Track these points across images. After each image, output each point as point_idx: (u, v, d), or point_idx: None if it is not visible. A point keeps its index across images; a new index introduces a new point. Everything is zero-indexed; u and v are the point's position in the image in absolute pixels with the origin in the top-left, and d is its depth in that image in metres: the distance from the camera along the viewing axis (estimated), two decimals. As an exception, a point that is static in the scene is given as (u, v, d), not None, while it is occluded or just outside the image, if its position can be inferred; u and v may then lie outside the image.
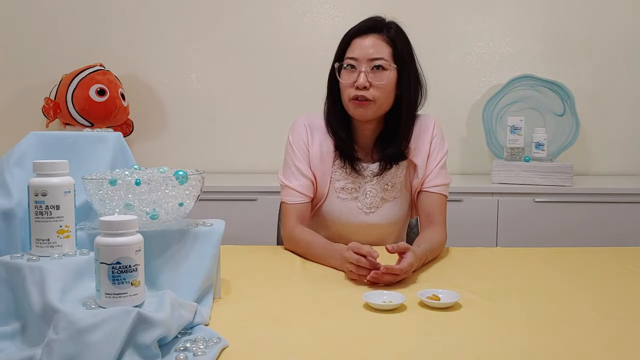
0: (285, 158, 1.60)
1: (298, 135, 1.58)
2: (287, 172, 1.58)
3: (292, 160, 1.57)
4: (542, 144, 2.44)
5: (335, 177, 1.57)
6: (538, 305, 1.06)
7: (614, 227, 2.32)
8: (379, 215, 1.58)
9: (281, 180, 1.58)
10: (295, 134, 1.59)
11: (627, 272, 1.29)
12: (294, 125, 1.61)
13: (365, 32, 1.53)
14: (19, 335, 0.86)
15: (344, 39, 1.55)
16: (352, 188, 1.57)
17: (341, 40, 1.55)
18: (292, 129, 1.61)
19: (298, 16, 2.77)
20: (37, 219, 0.93)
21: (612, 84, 2.74)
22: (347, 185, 1.57)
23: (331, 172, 1.57)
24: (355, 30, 1.54)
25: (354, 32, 1.54)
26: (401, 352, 0.85)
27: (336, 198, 1.57)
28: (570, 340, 0.90)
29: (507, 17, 2.75)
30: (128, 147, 1.19)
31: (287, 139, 1.61)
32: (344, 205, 1.57)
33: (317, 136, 1.58)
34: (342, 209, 1.57)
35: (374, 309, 1.02)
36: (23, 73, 2.76)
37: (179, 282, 0.99)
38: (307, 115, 1.63)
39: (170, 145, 2.81)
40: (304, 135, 1.58)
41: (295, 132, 1.59)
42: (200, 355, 0.81)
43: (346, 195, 1.57)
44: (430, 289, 1.08)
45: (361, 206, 1.57)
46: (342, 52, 1.54)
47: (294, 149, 1.57)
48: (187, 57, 2.79)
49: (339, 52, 1.55)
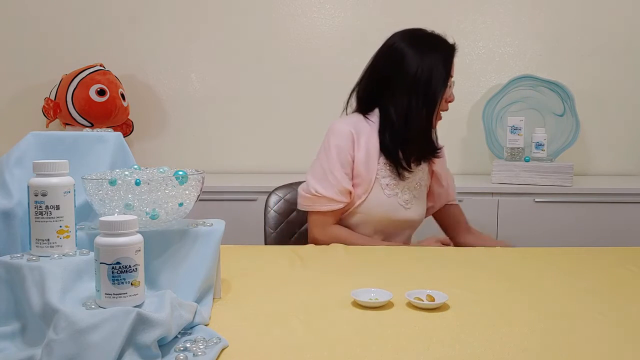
0: (322, 165, 1.61)
1: (343, 143, 1.60)
2: (322, 181, 1.60)
3: (330, 169, 1.59)
4: (542, 144, 2.44)
5: (381, 173, 1.62)
6: (537, 305, 1.06)
7: (614, 227, 2.32)
8: (414, 211, 1.67)
9: (316, 191, 1.60)
10: (341, 141, 1.60)
11: (627, 272, 1.29)
12: (337, 132, 1.61)
13: None
14: (19, 335, 0.86)
15: (450, 57, 1.61)
16: (394, 184, 1.63)
17: (447, 58, 1.60)
18: (336, 135, 1.61)
19: (298, 16, 2.77)
20: (37, 219, 0.93)
21: (612, 84, 2.74)
22: (391, 182, 1.63)
23: (377, 170, 1.61)
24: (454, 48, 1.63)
25: (453, 50, 1.62)
26: (401, 352, 0.85)
27: (382, 194, 1.62)
28: (570, 340, 0.90)
29: (507, 17, 2.75)
30: (128, 147, 1.19)
31: (327, 144, 1.61)
32: (388, 201, 1.63)
33: (363, 139, 1.61)
34: (387, 204, 1.63)
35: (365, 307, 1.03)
36: (23, 73, 2.76)
37: (179, 282, 0.99)
38: (345, 120, 1.65)
39: (170, 145, 2.81)
40: (349, 143, 1.60)
41: (341, 139, 1.60)
42: (200, 356, 0.81)
43: (390, 191, 1.63)
44: (419, 289, 1.08)
45: (401, 202, 1.64)
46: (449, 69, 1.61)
47: (335, 157, 1.59)
48: (187, 57, 2.79)
49: (447, 69, 1.60)
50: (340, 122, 1.64)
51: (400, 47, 1.60)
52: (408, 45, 1.59)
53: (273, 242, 1.87)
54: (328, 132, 1.65)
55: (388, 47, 1.64)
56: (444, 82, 1.59)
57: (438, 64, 1.58)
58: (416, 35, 1.63)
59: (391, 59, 1.61)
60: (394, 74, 1.59)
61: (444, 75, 1.59)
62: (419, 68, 1.56)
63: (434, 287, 1.10)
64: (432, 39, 1.62)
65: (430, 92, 1.58)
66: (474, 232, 1.82)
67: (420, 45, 1.59)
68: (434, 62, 1.58)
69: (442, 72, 1.58)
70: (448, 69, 1.60)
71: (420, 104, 1.58)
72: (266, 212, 1.90)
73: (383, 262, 1.39)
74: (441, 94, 1.59)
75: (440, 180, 1.74)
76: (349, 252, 1.51)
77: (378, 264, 1.37)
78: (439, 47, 1.60)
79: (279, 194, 1.93)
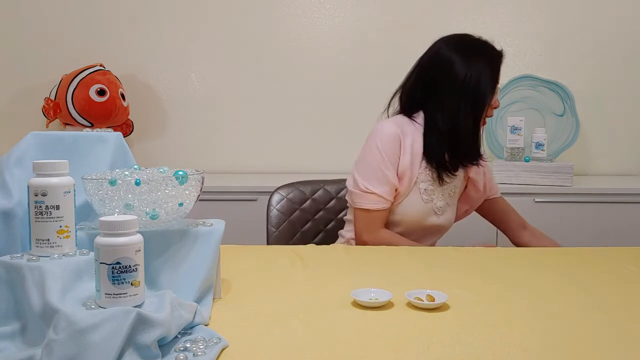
0: (370, 164, 1.60)
1: (390, 145, 1.60)
2: (372, 179, 1.59)
3: (379, 167, 1.59)
4: (542, 144, 2.44)
5: (421, 178, 1.62)
6: (537, 305, 1.06)
7: (614, 227, 2.32)
8: (444, 218, 1.68)
9: (365, 187, 1.60)
10: (388, 144, 1.60)
11: (627, 272, 1.29)
12: (385, 134, 1.61)
13: None
14: (19, 335, 0.86)
15: (498, 63, 1.62)
16: (432, 190, 1.63)
17: (494, 64, 1.62)
18: (383, 137, 1.60)
19: (298, 16, 2.77)
20: (37, 219, 0.93)
21: (612, 84, 2.74)
22: (429, 187, 1.63)
23: (417, 173, 1.62)
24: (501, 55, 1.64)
25: (500, 56, 1.63)
26: (401, 352, 0.85)
27: (420, 198, 1.63)
28: (569, 340, 0.90)
29: (507, 17, 2.75)
30: (128, 147, 1.19)
31: (373, 145, 1.60)
32: (424, 206, 1.63)
33: (409, 141, 1.61)
34: (421, 209, 1.64)
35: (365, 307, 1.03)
36: (23, 73, 2.76)
37: (179, 282, 0.99)
38: (391, 121, 1.64)
39: (170, 145, 2.81)
40: (397, 144, 1.60)
41: (388, 141, 1.60)
42: (200, 356, 0.81)
43: (427, 197, 1.63)
44: (419, 289, 1.08)
45: (435, 208, 1.65)
46: (496, 74, 1.62)
47: (383, 157, 1.59)
48: (187, 57, 2.79)
49: (495, 75, 1.61)
50: (386, 123, 1.64)
51: (448, 53, 1.60)
52: (455, 51, 1.60)
53: (275, 241, 1.87)
54: (374, 132, 1.64)
55: (434, 53, 1.64)
56: (491, 87, 1.60)
57: (485, 70, 1.59)
58: (464, 41, 1.64)
59: (439, 65, 1.61)
60: (442, 79, 1.60)
61: (492, 81, 1.60)
62: (467, 74, 1.57)
63: (434, 287, 1.11)
64: (479, 45, 1.63)
65: (479, 98, 1.59)
66: (530, 229, 1.81)
67: (468, 51, 1.61)
68: (482, 67, 1.59)
69: (489, 78, 1.60)
70: (495, 74, 1.62)
71: (468, 109, 1.59)
72: (269, 211, 1.90)
73: (383, 262, 1.39)
74: (489, 99, 1.61)
75: (477, 186, 1.74)
76: (349, 252, 1.51)
77: (378, 264, 1.37)
78: (486, 53, 1.62)
79: (281, 193, 1.93)
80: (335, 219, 1.95)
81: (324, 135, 2.80)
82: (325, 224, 1.95)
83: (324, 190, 1.98)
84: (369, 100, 2.78)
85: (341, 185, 1.99)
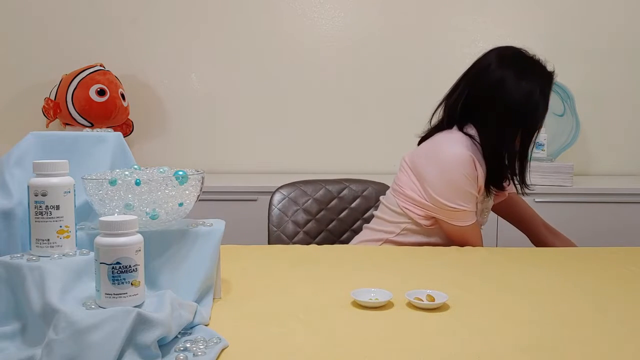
0: (458, 186, 1.52)
1: (474, 172, 1.53)
2: (467, 199, 1.55)
3: (470, 191, 1.54)
4: (542, 144, 2.44)
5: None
6: (537, 305, 1.06)
7: (614, 227, 2.32)
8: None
9: (461, 207, 1.54)
10: (472, 171, 1.53)
11: (627, 272, 1.29)
12: (469, 163, 1.53)
13: None
14: (19, 335, 0.86)
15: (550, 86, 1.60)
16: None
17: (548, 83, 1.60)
18: (467, 166, 1.53)
19: (298, 16, 2.77)
20: (37, 219, 0.93)
21: (612, 84, 2.74)
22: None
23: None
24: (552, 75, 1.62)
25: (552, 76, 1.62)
26: (401, 352, 0.85)
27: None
28: (570, 340, 0.90)
29: (507, 17, 2.75)
30: (128, 147, 1.19)
31: (459, 171, 1.52)
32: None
33: (478, 163, 1.55)
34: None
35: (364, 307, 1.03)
36: (23, 73, 2.76)
37: (179, 282, 0.99)
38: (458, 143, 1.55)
39: (170, 145, 2.81)
40: (475, 171, 1.54)
41: (472, 169, 1.53)
42: (200, 356, 0.81)
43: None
44: (419, 289, 1.08)
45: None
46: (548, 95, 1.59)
47: (471, 182, 1.53)
48: (187, 57, 2.79)
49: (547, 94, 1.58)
50: (456, 146, 1.55)
51: (500, 71, 1.56)
52: (508, 69, 1.56)
53: (276, 240, 1.88)
54: (447, 158, 1.54)
55: (484, 68, 1.60)
56: (543, 111, 1.57)
57: (536, 92, 1.54)
58: (517, 58, 1.61)
59: (488, 81, 1.56)
60: (491, 97, 1.55)
61: (544, 104, 1.56)
62: (519, 95, 1.52)
63: (434, 287, 1.11)
64: (532, 64, 1.60)
65: (529, 120, 1.55)
66: (551, 230, 1.83)
67: (522, 70, 1.56)
68: (533, 89, 1.54)
69: (542, 101, 1.56)
70: (547, 98, 1.58)
71: (515, 131, 1.55)
72: (270, 210, 1.90)
73: (383, 262, 1.39)
74: (540, 123, 1.57)
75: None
76: (349, 252, 1.51)
77: (378, 264, 1.37)
78: (541, 75, 1.59)
79: (283, 192, 1.93)
80: (337, 219, 1.95)
81: (323, 136, 2.80)
82: (327, 223, 1.95)
83: (325, 190, 1.98)
84: (369, 100, 2.79)
85: (342, 185, 1.99)
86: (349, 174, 2.13)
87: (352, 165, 2.69)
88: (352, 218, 1.96)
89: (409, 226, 1.62)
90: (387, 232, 1.65)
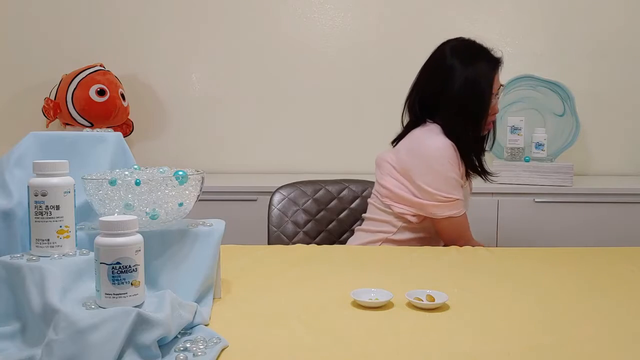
0: (447, 175, 1.59)
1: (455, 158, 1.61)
2: (456, 187, 1.61)
3: (455, 178, 1.60)
4: (542, 144, 2.44)
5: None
6: (537, 305, 1.06)
7: (614, 227, 2.32)
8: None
9: (452, 196, 1.60)
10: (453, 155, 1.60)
11: (627, 272, 1.29)
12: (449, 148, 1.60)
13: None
14: (19, 335, 0.86)
15: (496, 69, 1.64)
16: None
17: (492, 69, 1.63)
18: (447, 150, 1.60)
19: (298, 16, 2.77)
20: (37, 219, 0.93)
21: (612, 84, 2.74)
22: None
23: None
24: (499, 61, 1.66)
25: (498, 62, 1.66)
26: (401, 352, 0.85)
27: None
28: (570, 340, 0.90)
29: (507, 17, 2.75)
30: (128, 147, 1.19)
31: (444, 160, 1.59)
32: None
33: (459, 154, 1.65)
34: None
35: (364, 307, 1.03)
36: (23, 73, 2.76)
37: (179, 282, 0.99)
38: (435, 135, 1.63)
39: (170, 145, 2.81)
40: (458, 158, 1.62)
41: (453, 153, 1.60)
42: (200, 356, 0.81)
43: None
44: (419, 289, 1.08)
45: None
46: (493, 80, 1.63)
47: (454, 167, 1.60)
48: (187, 57, 2.79)
49: (492, 79, 1.62)
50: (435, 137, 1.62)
51: (450, 60, 1.62)
52: (455, 57, 1.62)
53: (276, 240, 1.88)
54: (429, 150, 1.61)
55: (437, 59, 1.66)
56: (489, 93, 1.62)
57: (483, 75, 1.62)
58: (463, 47, 1.66)
59: (441, 71, 1.64)
60: (444, 86, 1.62)
61: (489, 86, 1.62)
62: (465, 79, 1.59)
63: (434, 287, 1.11)
64: (478, 50, 1.65)
65: (476, 103, 1.62)
66: None
67: (467, 56, 1.62)
68: (479, 73, 1.61)
69: (487, 85, 1.62)
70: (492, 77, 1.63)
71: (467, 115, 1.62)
72: (270, 210, 1.90)
73: (383, 262, 1.39)
74: (487, 105, 1.63)
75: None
76: (349, 252, 1.51)
77: (378, 264, 1.37)
78: (484, 58, 1.64)
79: (283, 193, 1.94)
80: (336, 219, 1.95)
81: (323, 136, 2.80)
82: (327, 224, 1.95)
83: (325, 190, 1.98)
84: (369, 100, 2.78)
85: (342, 185, 1.99)
86: (349, 174, 2.13)
87: (352, 165, 2.69)
88: (352, 218, 1.96)
89: (405, 224, 1.65)
90: (385, 232, 1.67)
